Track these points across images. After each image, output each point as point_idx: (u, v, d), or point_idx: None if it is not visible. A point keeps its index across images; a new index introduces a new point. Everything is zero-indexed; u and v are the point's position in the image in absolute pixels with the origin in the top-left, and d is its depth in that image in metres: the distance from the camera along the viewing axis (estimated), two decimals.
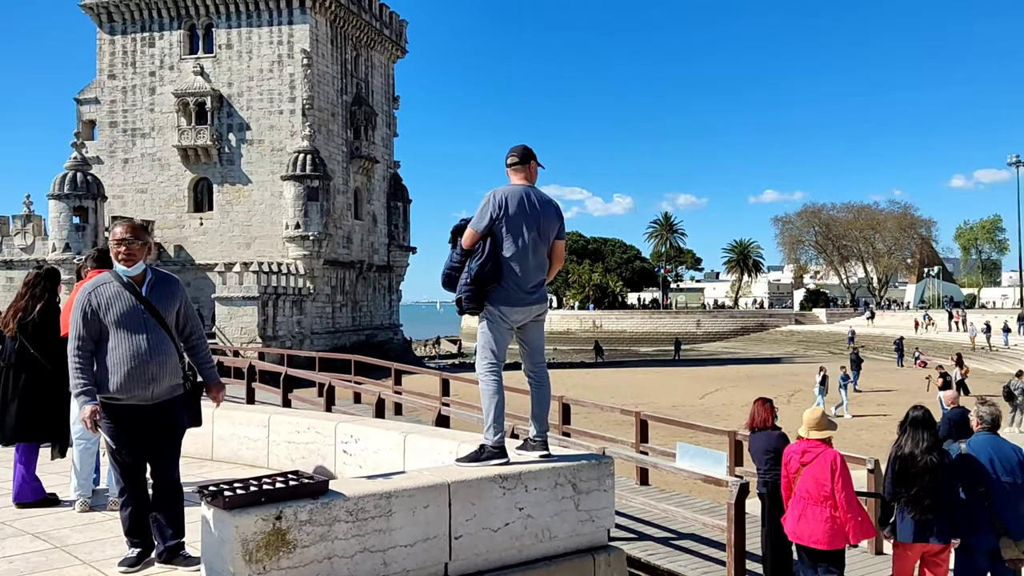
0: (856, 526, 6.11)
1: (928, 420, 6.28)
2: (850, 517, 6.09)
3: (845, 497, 6.10)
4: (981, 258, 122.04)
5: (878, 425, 23.98)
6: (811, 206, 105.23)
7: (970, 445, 6.38)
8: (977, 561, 6.22)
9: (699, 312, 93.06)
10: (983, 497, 6.12)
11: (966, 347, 45.93)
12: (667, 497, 11.50)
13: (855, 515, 6.11)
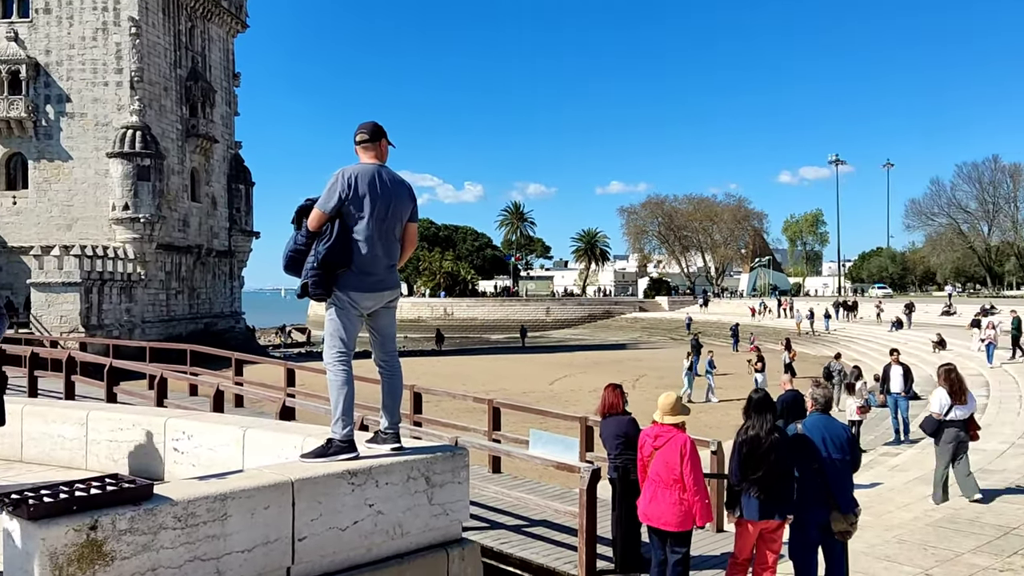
0: (703, 508, 6.28)
1: (769, 403, 6.54)
2: (698, 500, 6.25)
3: (694, 480, 6.25)
4: (806, 249, 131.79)
5: (716, 408, 25.30)
6: (655, 197, 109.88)
7: (805, 425, 6.71)
8: (810, 535, 6.55)
9: (549, 300, 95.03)
10: (817, 474, 6.45)
11: (793, 332, 49.34)
12: (519, 484, 11.52)
13: (702, 498, 6.27)
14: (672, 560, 6.46)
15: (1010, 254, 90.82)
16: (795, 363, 32.36)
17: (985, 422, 17.28)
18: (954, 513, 9.54)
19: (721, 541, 8.52)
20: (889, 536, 8.65)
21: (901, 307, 49.56)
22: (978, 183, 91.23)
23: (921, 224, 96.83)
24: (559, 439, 8.72)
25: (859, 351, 38.49)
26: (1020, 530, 8.75)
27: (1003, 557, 7.88)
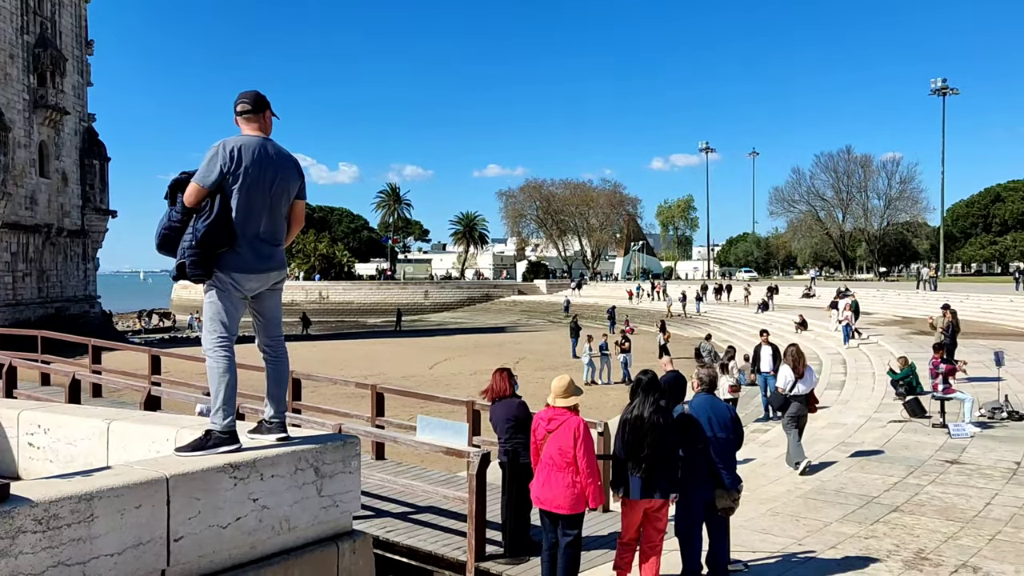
0: (596, 491, 6.31)
1: (655, 383, 6.63)
2: (591, 482, 6.28)
3: (586, 463, 6.27)
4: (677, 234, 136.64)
5: (595, 388, 25.86)
6: (532, 181, 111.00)
7: (691, 405, 6.87)
8: (696, 512, 6.72)
9: (427, 283, 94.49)
10: (703, 453, 6.62)
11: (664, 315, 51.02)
12: (405, 471, 11.35)
13: (595, 480, 6.31)
14: (564, 543, 6.48)
15: (861, 240, 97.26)
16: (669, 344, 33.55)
17: (843, 398, 18.42)
18: (821, 485, 10.06)
19: (609, 521, 8.65)
20: (764, 509, 9.02)
21: (765, 289, 52.21)
22: (834, 172, 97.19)
23: (783, 211, 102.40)
24: (447, 424, 8.61)
25: (728, 332, 40.23)
26: (881, 499, 9.32)
27: (867, 525, 8.36)
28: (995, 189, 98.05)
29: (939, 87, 75.02)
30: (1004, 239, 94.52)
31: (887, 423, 13.88)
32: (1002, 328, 30.00)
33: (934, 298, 42.44)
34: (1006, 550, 7.53)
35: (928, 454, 11.46)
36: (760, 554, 7.53)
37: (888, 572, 7.03)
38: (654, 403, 6.46)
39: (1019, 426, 13.16)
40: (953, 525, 8.29)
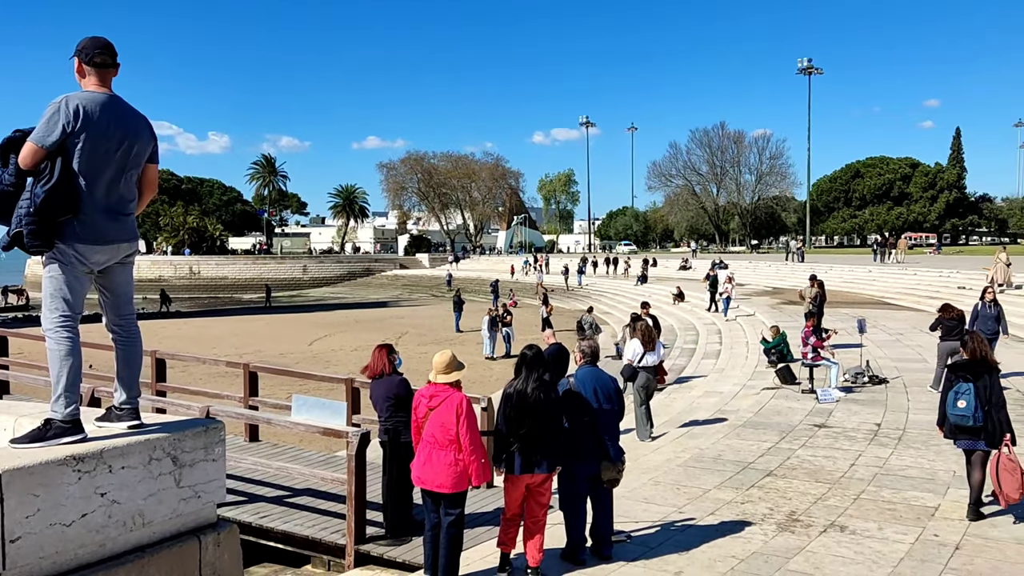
0: (479, 468, 6.17)
1: (540, 358, 6.54)
2: (474, 460, 6.13)
3: (469, 440, 6.12)
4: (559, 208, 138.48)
5: (478, 362, 25.82)
6: (414, 154, 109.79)
7: (576, 378, 6.82)
8: (581, 486, 6.71)
9: (306, 257, 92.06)
10: (588, 426, 6.60)
11: (553, 288, 51.64)
12: (280, 453, 10.93)
13: (479, 457, 6.16)
14: (447, 522, 6.32)
15: (734, 213, 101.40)
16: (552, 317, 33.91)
17: (719, 367, 19.07)
18: (700, 453, 10.33)
19: (493, 497, 8.56)
20: (646, 479, 9.17)
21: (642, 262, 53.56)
22: (708, 148, 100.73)
23: (661, 185, 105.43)
24: (324, 403, 8.28)
25: (609, 304, 41.07)
26: (756, 464, 9.65)
27: (743, 490, 8.63)
28: (855, 166, 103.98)
29: (805, 67, 78.74)
30: (863, 213, 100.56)
31: (760, 390, 14.43)
32: (862, 296, 31.90)
33: (802, 269, 44.68)
34: (869, 508, 7.91)
35: (799, 419, 11.97)
36: (643, 523, 7.63)
37: (763, 535, 7.25)
38: (537, 378, 6.38)
39: (879, 389, 13.94)
40: (822, 487, 8.66)
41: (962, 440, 7.65)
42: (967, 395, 7.47)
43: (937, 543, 6.96)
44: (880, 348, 18.10)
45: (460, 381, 6.38)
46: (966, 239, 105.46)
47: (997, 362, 7.92)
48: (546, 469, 6.36)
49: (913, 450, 10.03)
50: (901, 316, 24.77)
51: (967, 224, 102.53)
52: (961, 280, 30.85)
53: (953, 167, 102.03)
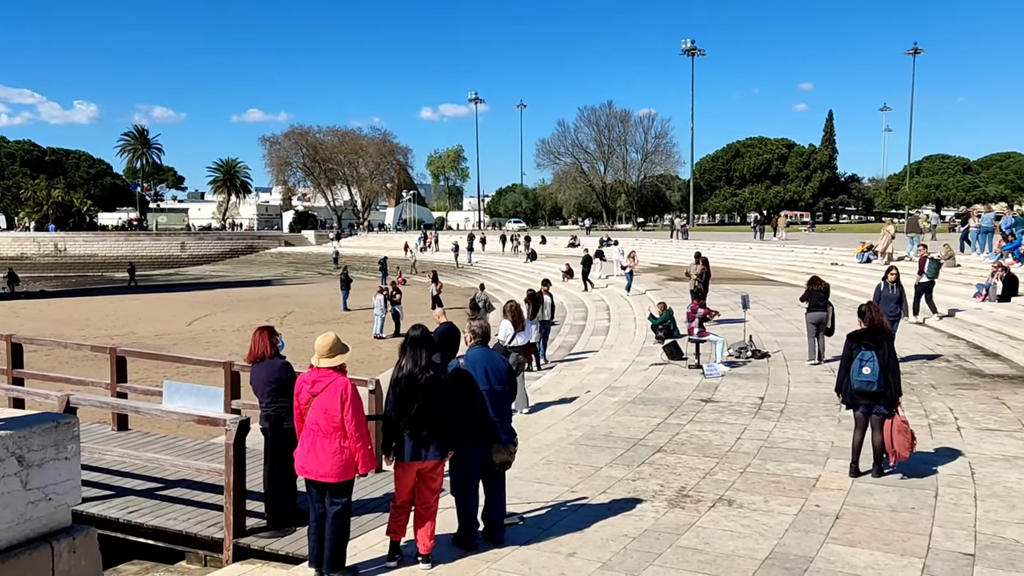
0: (366, 456, 5.91)
1: (426, 339, 6.31)
2: (360, 447, 5.86)
3: (355, 426, 5.84)
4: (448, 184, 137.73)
5: (366, 341, 25.32)
6: (298, 128, 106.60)
7: (467, 359, 6.63)
8: (473, 469, 6.55)
9: (184, 234, 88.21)
10: (480, 408, 6.42)
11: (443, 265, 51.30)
12: (151, 442, 10.29)
13: (365, 444, 5.89)
14: (332, 512, 6.03)
15: (621, 191, 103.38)
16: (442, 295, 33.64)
17: (608, 343, 19.33)
18: (592, 430, 10.36)
19: (380, 482, 8.30)
20: (538, 458, 9.11)
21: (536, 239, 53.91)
22: (596, 126, 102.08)
23: (550, 163, 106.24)
24: (200, 389, 7.79)
25: (499, 282, 41.12)
26: (646, 440, 9.75)
27: (634, 467, 8.69)
28: (736, 146, 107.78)
29: (688, 48, 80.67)
30: (743, 191, 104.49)
31: (649, 366, 14.67)
32: (744, 272, 33.07)
33: (686, 246, 45.95)
34: (755, 481, 8.10)
35: (686, 394, 12.21)
36: (535, 504, 7.55)
37: (654, 512, 7.30)
38: (426, 360, 6.15)
39: (762, 364, 14.41)
40: (710, 461, 8.81)
41: (863, 405, 7.97)
42: (871, 362, 7.80)
43: (819, 513, 7.17)
44: (761, 323, 18.74)
45: (345, 365, 6.09)
46: (837, 218, 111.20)
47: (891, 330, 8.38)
48: (437, 454, 6.17)
49: (795, 422, 10.37)
50: (779, 291, 25.77)
51: (838, 203, 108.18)
52: (834, 256, 32.44)
53: (826, 148, 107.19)
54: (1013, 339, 15.72)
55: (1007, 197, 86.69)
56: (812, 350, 14.39)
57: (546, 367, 17.15)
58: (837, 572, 5.97)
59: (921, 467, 8.32)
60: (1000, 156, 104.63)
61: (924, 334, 17.18)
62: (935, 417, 10.44)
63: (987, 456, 8.75)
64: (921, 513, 7.12)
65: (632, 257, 30.84)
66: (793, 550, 6.38)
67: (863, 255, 30.25)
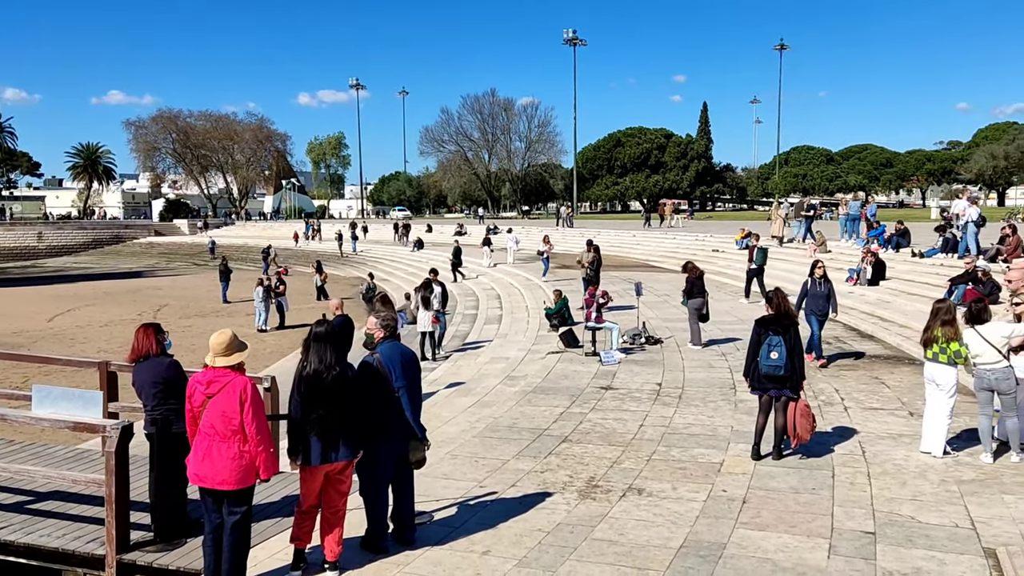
0: (267, 460, 5.53)
1: (332, 335, 5.98)
2: (261, 451, 5.49)
3: (256, 428, 5.46)
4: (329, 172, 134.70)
5: (249, 335, 24.34)
6: (167, 111, 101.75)
7: (381, 354, 6.31)
8: (385, 469, 6.27)
9: (41, 223, 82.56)
10: (394, 405, 6.14)
11: (326, 255, 50.05)
12: (17, 451, 9.44)
13: (266, 447, 5.52)
14: (231, 522, 5.64)
15: (505, 180, 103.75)
16: (327, 285, 32.83)
17: (503, 332, 19.25)
18: (495, 422, 10.22)
19: (280, 484, 7.86)
20: (443, 453, 8.89)
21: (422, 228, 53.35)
22: (480, 114, 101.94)
23: (434, 150, 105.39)
24: (74, 393, 7.14)
25: (386, 271, 40.45)
26: (551, 430, 9.68)
27: (541, 459, 8.60)
28: (617, 135, 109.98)
29: (570, 37, 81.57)
30: (624, 180, 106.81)
31: (546, 354, 14.66)
32: (631, 260, 33.74)
33: (572, 234, 46.53)
34: (662, 469, 8.16)
35: (586, 382, 12.24)
36: (444, 501, 7.34)
37: (566, 505, 7.22)
38: (332, 357, 5.83)
39: (655, 350, 14.65)
40: (616, 450, 8.83)
41: (771, 389, 8.13)
42: (779, 347, 7.97)
43: (727, 498, 7.27)
44: (651, 309, 19.08)
45: (243, 364, 5.69)
46: (713, 206, 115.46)
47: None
48: (347, 455, 5.86)
49: (694, 408, 10.55)
50: (665, 278, 26.40)
51: (714, 191, 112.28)
52: (715, 243, 33.54)
53: (702, 139, 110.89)
54: (885, 321, 16.60)
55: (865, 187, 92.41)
56: (695, 333, 14.77)
57: (441, 357, 16.90)
58: (750, 557, 6.04)
59: (816, 448, 8.60)
60: (858, 148, 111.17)
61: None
62: (823, 398, 10.85)
63: (874, 434, 9.14)
64: (821, 493, 7.33)
65: (547, 241, 30.54)
66: (706, 537, 6.43)
67: (743, 242, 31.42)
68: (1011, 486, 7.44)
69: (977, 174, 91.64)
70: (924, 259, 21.42)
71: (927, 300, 14.10)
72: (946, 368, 8.18)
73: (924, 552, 6.06)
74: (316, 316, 15.56)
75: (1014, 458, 8.10)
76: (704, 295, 14.77)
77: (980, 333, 8.17)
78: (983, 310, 8.52)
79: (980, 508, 6.90)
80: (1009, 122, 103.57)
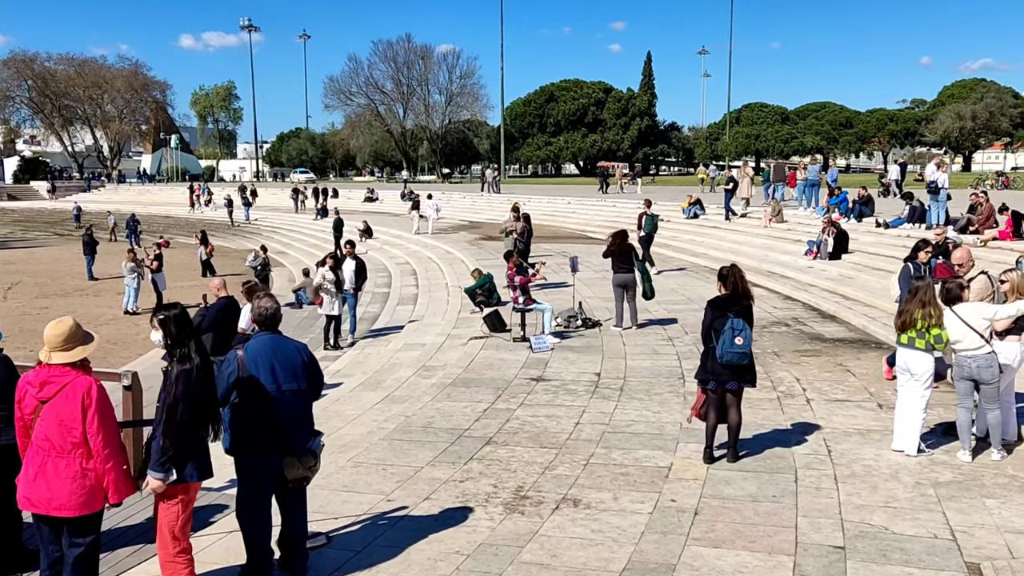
0: (118, 480, 5.04)
1: (182, 320, 5.48)
2: (110, 468, 4.99)
3: (103, 441, 4.95)
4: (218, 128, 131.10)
5: (118, 318, 23.30)
6: (20, 54, 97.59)
7: (248, 350, 5.84)
8: (262, 487, 5.84)
9: None
10: (267, 413, 5.69)
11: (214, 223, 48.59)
12: None
13: (117, 464, 5.02)
14: (72, 556, 5.14)
15: (423, 138, 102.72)
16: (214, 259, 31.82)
17: (419, 314, 18.88)
18: (407, 421, 9.85)
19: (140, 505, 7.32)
20: (344, 460, 8.48)
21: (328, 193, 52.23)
22: (393, 63, 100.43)
23: (340, 104, 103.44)
24: None
25: (284, 242, 39.53)
26: (472, 431, 9.36)
27: (460, 465, 8.27)
28: (550, 88, 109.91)
29: None
30: (558, 140, 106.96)
31: (468, 340, 14.34)
32: (565, 231, 33.70)
33: (499, 201, 46.29)
34: (601, 475, 7.92)
35: (513, 372, 11.97)
36: (345, 519, 6.96)
37: (489, 520, 6.91)
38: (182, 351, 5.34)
39: (593, 334, 14.48)
40: (548, 453, 8.56)
41: (730, 381, 7.95)
42: (744, 332, 7.79)
43: (676, 509, 7.07)
44: (588, 287, 18.94)
45: (88, 360, 5.16)
46: (657, 169, 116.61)
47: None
48: (188, 476, 5.35)
49: (637, 401, 10.38)
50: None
51: (658, 153, 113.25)
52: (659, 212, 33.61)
53: (644, 94, 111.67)
54: (848, 299, 16.81)
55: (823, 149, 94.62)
56: (619, 314, 14.64)
57: (347, 344, 16.42)
58: None
59: (777, 447, 8.50)
60: (815, 106, 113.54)
61: (758, 295, 17.98)
62: (783, 389, 10.81)
63: (840, 430, 9.10)
64: (783, 502, 7.19)
65: (515, 212, 28.90)
66: (653, 557, 6.20)
67: (690, 210, 31.63)
68: (992, 488, 7.44)
69: (943, 136, 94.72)
70: (889, 229, 21.82)
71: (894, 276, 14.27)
72: (923, 355, 8.13)
73: (900, 569, 5.95)
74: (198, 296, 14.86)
75: (995, 456, 8.12)
76: (632, 270, 14.59)
77: (959, 315, 8.14)
78: (959, 289, 8.50)
79: (960, 515, 6.86)
80: (977, 79, 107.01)
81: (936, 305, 8.15)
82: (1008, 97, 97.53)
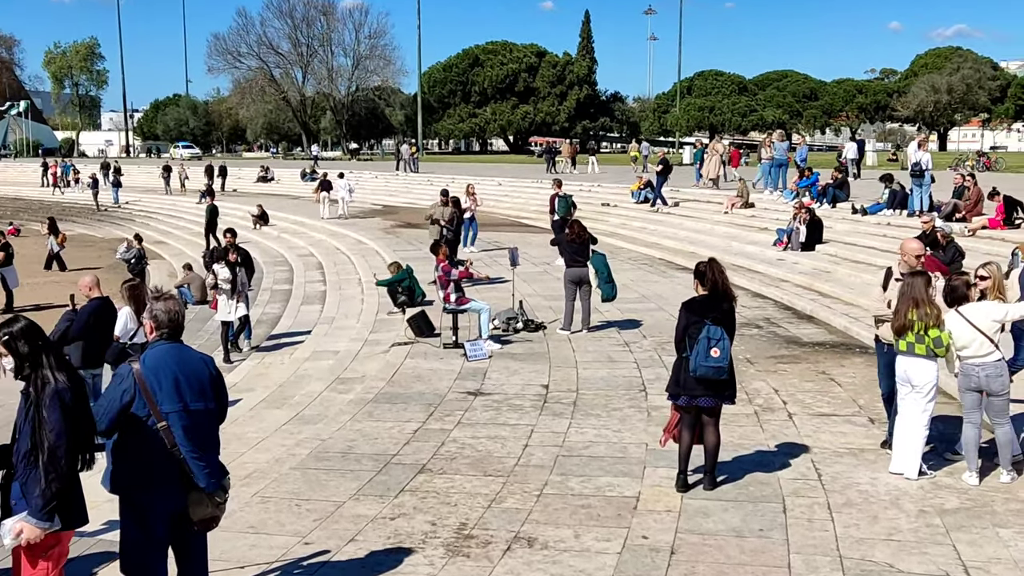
0: None
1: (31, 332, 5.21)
2: None
3: None
4: (78, 93, 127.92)
5: None
6: None
7: (146, 363, 5.53)
8: (155, 531, 5.54)
9: None
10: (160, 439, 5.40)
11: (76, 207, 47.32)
12: None
13: None
14: None
15: (326, 108, 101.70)
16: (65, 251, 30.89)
17: (328, 315, 18.63)
18: (323, 445, 9.63)
19: None
20: (250, 494, 8.22)
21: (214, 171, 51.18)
22: (290, 19, 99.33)
23: (227, 66, 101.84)
24: None
25: (162, 229, 38.74)
26: (402, 456, 9.20)
27: (390, 498, 8.09)
28: (474, 51, 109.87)
29: None
30: (484, 111, 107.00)
31: (390, 347, 14.19)
32: (496, 217, 33.61)
33: (417, 181, 46.10)
34: (558, 508, 7.80)
35: (446, 385, 11.85)
36: (253, 568, 6.73)
37: (429, 565, 6.74)
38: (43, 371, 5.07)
39: (537, 337, 14.42)
40: (494, 482, 8.43)
41: (704, 397, 7.89)
42: (722, 341, 7.73)
43: (649, 548, 6.99)
44: (528, 283, 18.87)
45: None
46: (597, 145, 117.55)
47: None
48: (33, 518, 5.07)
49: (594, 418, 10.34)
50: (542, 240, 26.23)
51: (599, 127, 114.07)
52: (604, 195, 33.86)
53: (583, 59, 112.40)
54: (826, 296, 17.06)
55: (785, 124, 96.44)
56: (568, 315, 14.62)
57: (243, 353, 16.05)
58: None
59: (759, 471, 8.51)
60: (777, 75, 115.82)
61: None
62: (760, 402, 10.86)
63: (830, 450, 9.16)
64: (773, 536, 7.17)
65: (471, 194, 26.26)
66: None
67: (639, 193, 31.83)
68: (1005, 516, 7.53)
69: (916, 110, 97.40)
70: (867, 216, 22.25)
71: (876, 269, 14.53)
72: (924, 362, 8.18)
73: None
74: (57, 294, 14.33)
75: (1003, 478, 8.23)
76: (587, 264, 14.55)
77: (965, 317, 8.21)
78: (966, 287, 8.59)
79: (972, 548, 6.92)
80: (952, 47, 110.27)
81: (932, 303, 8.20)
82: (986, 68, 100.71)
